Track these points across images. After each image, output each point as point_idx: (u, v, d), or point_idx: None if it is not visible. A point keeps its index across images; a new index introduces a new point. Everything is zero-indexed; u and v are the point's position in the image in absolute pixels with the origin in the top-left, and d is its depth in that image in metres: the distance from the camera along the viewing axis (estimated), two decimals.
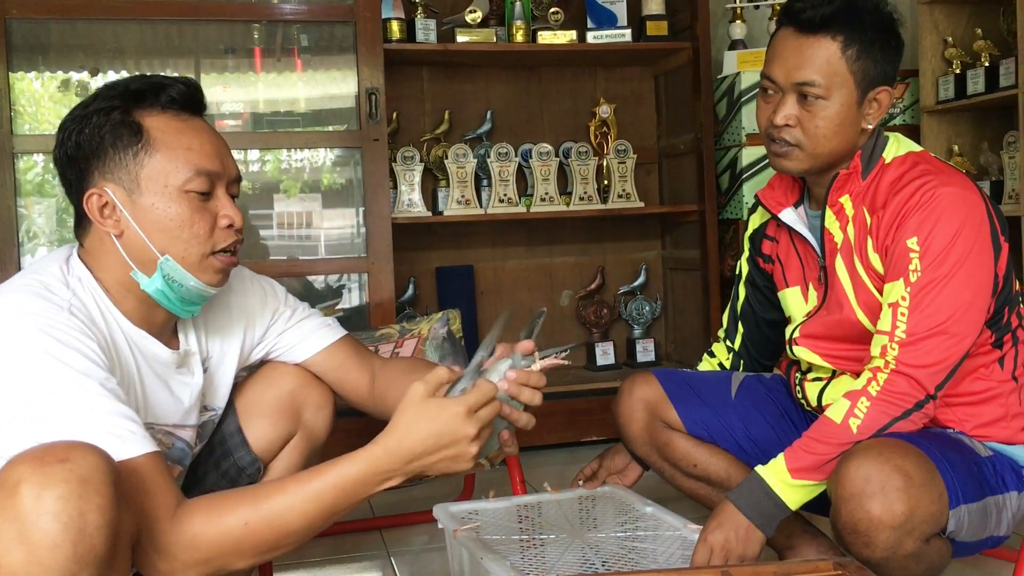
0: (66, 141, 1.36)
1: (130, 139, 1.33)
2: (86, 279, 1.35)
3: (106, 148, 1.33)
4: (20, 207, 2.70)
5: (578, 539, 1.67)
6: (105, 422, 1.19)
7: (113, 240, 1.35)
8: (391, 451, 1.24)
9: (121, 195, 1.34)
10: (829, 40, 1.55)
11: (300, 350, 1.63)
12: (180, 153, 1.34)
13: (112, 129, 1.33)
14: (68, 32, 2.88)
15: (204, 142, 1.37)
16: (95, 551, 1.05)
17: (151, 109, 1.35)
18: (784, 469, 1.50)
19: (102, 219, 1.34)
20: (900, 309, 1.49)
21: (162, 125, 1.35)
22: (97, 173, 1.34)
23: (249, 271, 1.62)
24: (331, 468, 1.25)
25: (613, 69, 3.47)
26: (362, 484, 1.24)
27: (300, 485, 1.24)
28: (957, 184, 1.52)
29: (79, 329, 1.25)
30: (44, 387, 1.19)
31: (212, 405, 1.55)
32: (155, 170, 1.34)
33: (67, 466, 1.05)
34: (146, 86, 1.36)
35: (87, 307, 1.32)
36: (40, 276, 1.31)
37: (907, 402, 1.48)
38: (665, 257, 3.54)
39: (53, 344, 1.21)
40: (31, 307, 1.24)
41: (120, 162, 1.33)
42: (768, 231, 1.84)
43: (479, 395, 1.24)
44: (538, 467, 2.81)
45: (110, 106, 1.34)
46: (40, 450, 1.07)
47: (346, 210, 3.16)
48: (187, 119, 1.38)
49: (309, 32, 3.06)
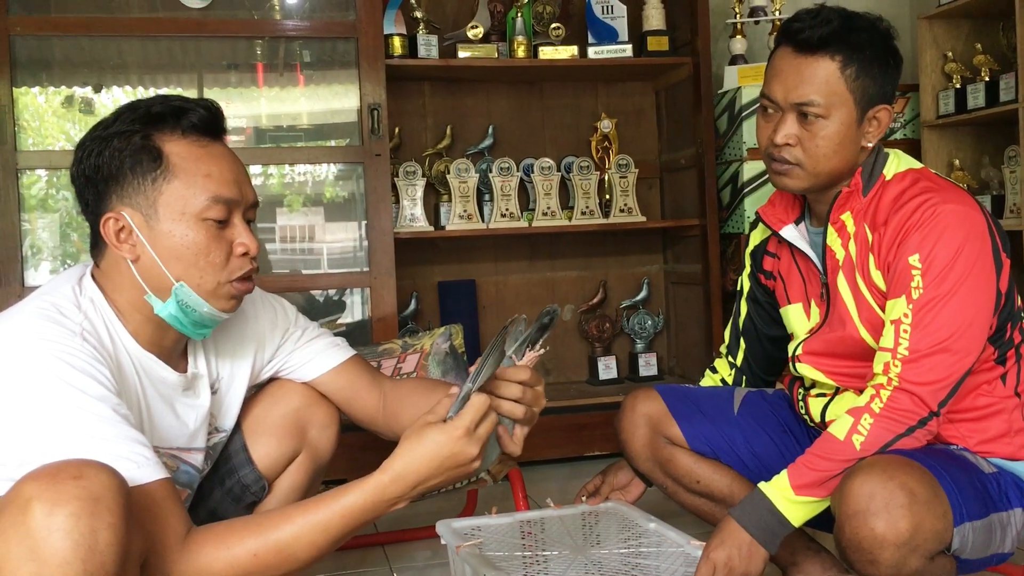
0: (84, 160, 1.35)
1: (149, 164, 1.33)
2: (98, 300, 1.35)
3: (125, 172, 1.33)
4: (24, 222, 2.70)
5: (581, 555, 1.67)
6: (118, 448, 1.19)
7: (128, 264, 1.35)
8: (397, 478, 1.26)
9: (138, 220, 1.33)
10: (828, 60, 1.55)
11: (309, 369, 1.63)
12: (199, 180, 1.34)
13: (132, 154, 1.32)
14: (72, 48, 2.89)
15: (223, 169, 1.36)
16: (105, 569, 1.05)
17: (171, 134, 1.34)
18: (787, 486, 1.50)
19: (118, 243, 1.34)
20: (903, 326, 1.49)
21: (182, 151, 1.34)
22: (115, 197, 1.34)
23: (260, 291, 1.61)
24: (339, 497, 1.26)
25: (614, 84, 3.48)
26: (370, 512, 1.27)
27: (308, 515, 1.25)
28: (958, 201, 1.53)
29: (91, 355, 1.25)
30: (58, 413, 1.19)
31: (222, 427, 1.55)
32: (173, 196, 1.33)
33: (80, 483, 1.05)
34: (167, 109, 1.35)
35: (97, 330, 1.32)
36: (52, 298, 1.31)
37: (910, 419, 1.47)
38: (667, 271, 3.54)
39: (67, 370, 1.21)
40: (45, 332, 1.24)
41: (138, 187, 1.33)
42: (769, 247, 1.84)
43: (474, 412, 1.26)
44: (541, 482, 2.81)
45: (131, 130, 1.33)
46: (53, 467, 1.07)
47: (348, 224, 3.17)
48: (207, 144, 1.37)
49: (311, 48, 3.08)
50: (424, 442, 1.25)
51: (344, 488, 1.27)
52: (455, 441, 1.24)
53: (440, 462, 1.25)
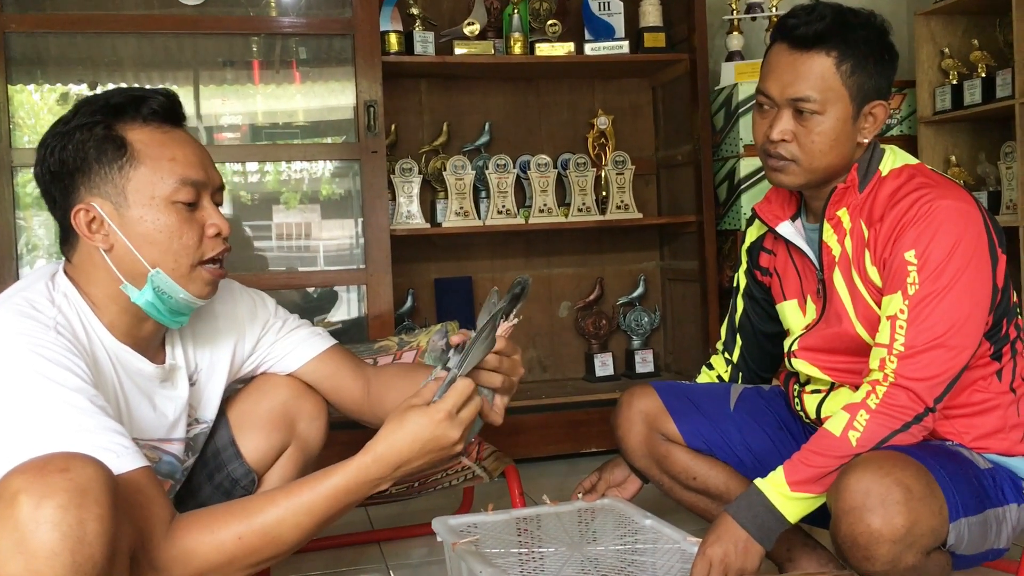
0: (48, 158, 1.36)
1: (114, 153, 1.34)
2: (72, 295, 1.36)
3: (91, 163, 1.34)
4: (19, 219, 2.70)
5: (577, 552, 1.67)
6: (98, 438, 1.19)
7: (102, 254, 1.36)
8: (380, 459, 1.28)
9: (109, 209, 1.35)
10: (823, 56, 1.56)
11: (291, 359, 1.63)
12: (164, 164, 1.36)
13: (96, 144, 1.34)
14: (67, 45, 2.89)
15: (188, 152, 1.39)
16: (93, 560, 1.05)
17: (132, 123, 1.36)
18: (783, 482, 1.50)
19: (90, 234, 1.35)
20: (899, 322, 1.50)
21: (145, 138, 1.36)
22: (83, 188, 1.35)
23: (239, 284, 1.62)
24: (322, 479, 1.28)
25: (611, 81, 3.48)
26: (354, 492, 1.29)
27: (293, 498, 1.27)
28: (954, 196, 1.53)
29: (66, 347, 1.26)
30: (35, 406, 1.19)
31: (202, 418, 1.55)
32: (141, 182, 1.35)
33: (67, 476, 1.05)
34: (126, 99, 1.37)
35: (71, 324, 1.32)
36: (26, 293, 1.32)
37: (906, 415, 1.48)
38: (664, 268, 3.54)
39: (42, 363, 1.22)
40: (18, 326, 1.25)
41: (106, 176, 1.34)
42: (765, 244, 1.84)
43: (457, 396, 1.28)
44: (537, 479, 2.81)
45: (92, 121, 1.35)
46: (40, 460, 1.07)
47: (344, 222, 3.16)
48: (168, 131, 1.39)
49: (308, 45, 3.07)
50: (406, 424, 1.28)
51: (328, 471, 1.29)
52: (437, 424, 1.27)
53: (422, 444, 1.28)
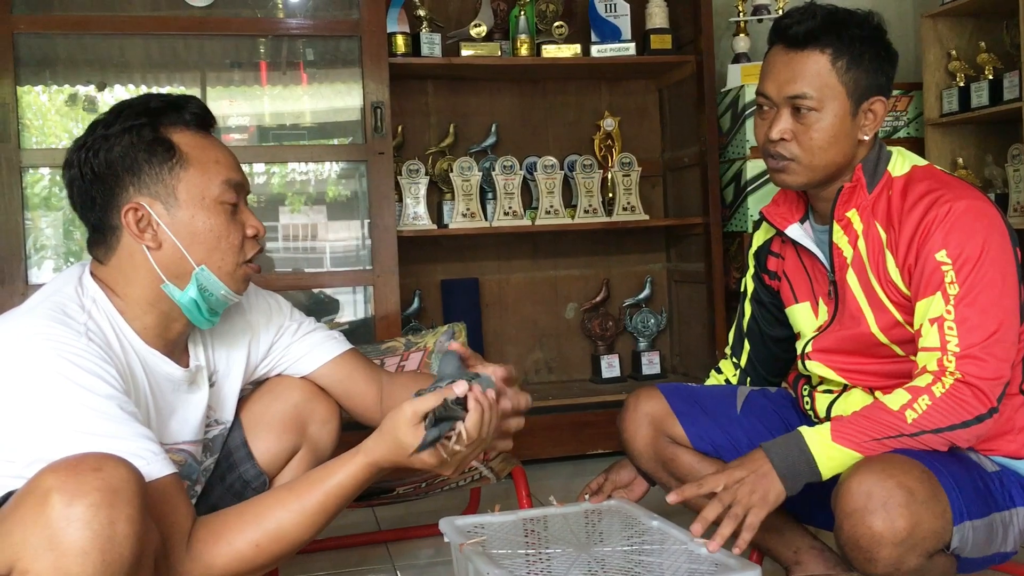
0: (92, 159, 1.37)
1: (164, 155, 1.38)
2: (100, 300, 1.37)
3: (141, 164, 1.37)
4: (27, 220, 2.71)
5: (584, 553, 1.67)
6: (128, 444, 1.20)
7: (145, 254, 1.38)
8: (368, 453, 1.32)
9: (159, 209, 1.38)
10: (818, 53, 1.57)
11: (306, 362, 1.64)
12: (211, 167, 1.40)
13: (145, 146, 1.37)
14: (75, 47, 2.90)
15: (227, 155, 1.44)
16: (122, 560, 1.06)
17: (175, 126, 1.40)
18: (827, 431, 1.47)
19: (139, 233, 1.37)
20: (947, 323, 1.47)
21: (189, 140, 1.40)
22: (132, 188, 1.37)
23: (255, 286, 1.64)
24: (328, 476, 1.31)
25: (617, 82, 3.48)
26: (360, 485, 1.33)
27: (302, 499, 1.30)
28: (972, 196, 1.53)
29: (97, 354, 1.27)
30: (66, 412, 1.20)
31: (221, 419, 1.56)
32: (191, 183, 1.38)
33: (99, 475, 1.06)
34: (166, 104, 1.41)
35: (102, 330, 1.33)
36: (57, 298, 1.32)
37: (971, 412, 1.45)
38: (670, 270, 3.54)
39: (74, 370, 1.23)
40: (50, 332, 1.25)
41: (156, 177, 1.37)
42: (773, 248, 1.84)
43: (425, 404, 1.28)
44: (544, 480, 2.81)
45: (139, 123, 1.38)
46: (73, 459, 1.09)
47: (351, 223, 3.17)
48: (206, 135, 1.44)
49: (315, 46, 3.08)
50: (385, 421, 1.31)
51: (329, 465, 1.33)
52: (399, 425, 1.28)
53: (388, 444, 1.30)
